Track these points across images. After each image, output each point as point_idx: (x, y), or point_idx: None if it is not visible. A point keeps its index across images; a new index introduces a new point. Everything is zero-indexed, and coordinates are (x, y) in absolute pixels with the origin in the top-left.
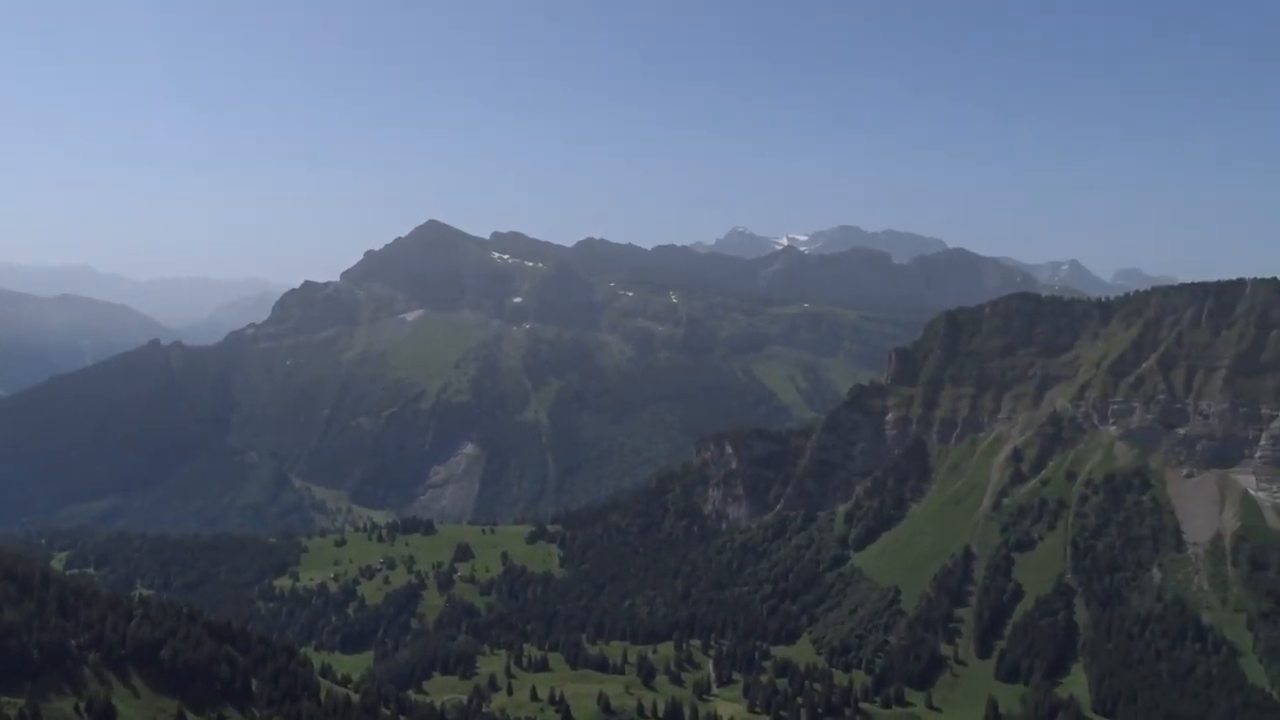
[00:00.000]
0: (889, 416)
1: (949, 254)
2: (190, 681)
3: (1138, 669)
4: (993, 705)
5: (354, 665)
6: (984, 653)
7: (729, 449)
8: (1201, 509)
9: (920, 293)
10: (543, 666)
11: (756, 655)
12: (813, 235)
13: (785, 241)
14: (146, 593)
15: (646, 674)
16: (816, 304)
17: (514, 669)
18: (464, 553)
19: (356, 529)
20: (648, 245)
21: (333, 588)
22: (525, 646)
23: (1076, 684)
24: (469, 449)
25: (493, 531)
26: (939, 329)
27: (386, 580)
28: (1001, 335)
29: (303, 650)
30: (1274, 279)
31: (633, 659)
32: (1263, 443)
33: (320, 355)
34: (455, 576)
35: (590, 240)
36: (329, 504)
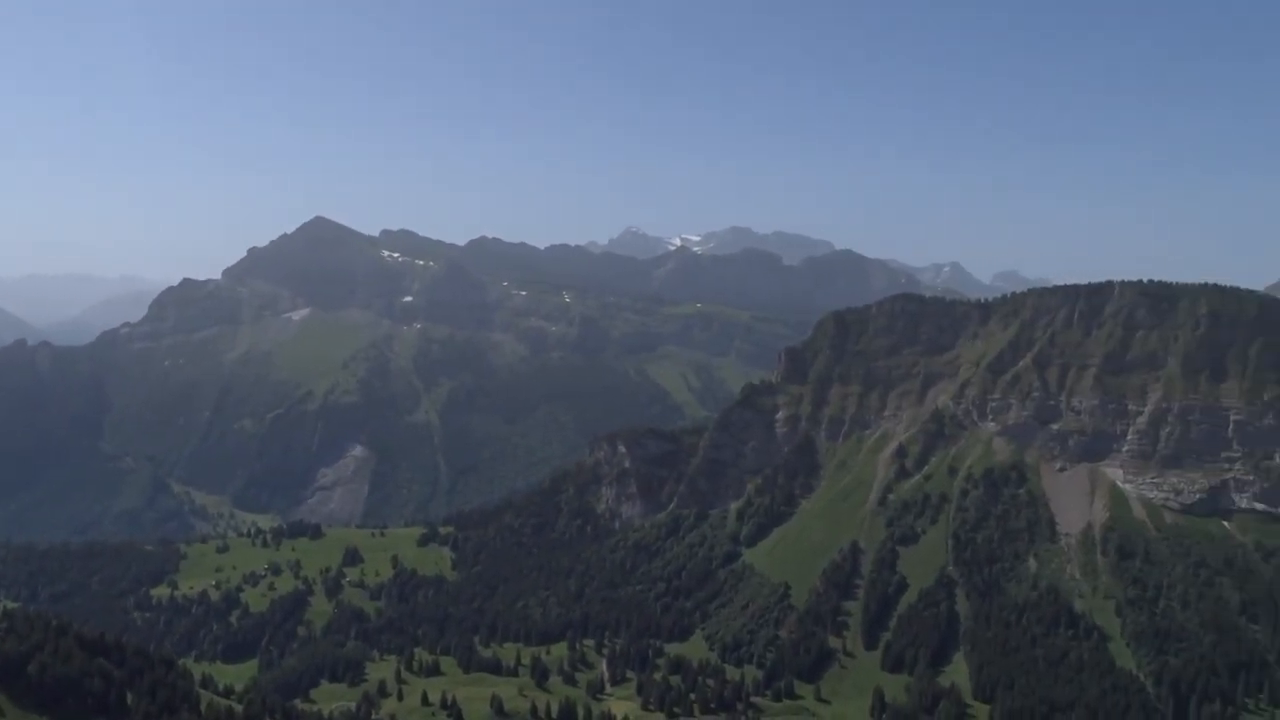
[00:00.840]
0: (779, 415)
1: (837, 256)
2: (61, 697)
3: (1015, 656)
4: (879, 696)
5: (237, 675)
6: (871, 644)
7: (622, 448)
8: (1074, 501)
9: (810, 293)
10: (434, 671)
11: (650, 653)
12: (705, 236)
13: (678, 242)
14: (11, 605)
15: (540, 675)
16: (709, 304)
17: (404, 674)
18: (353, 557)
19: (239, 534)
20: (541, 245)
21: (214, 596)
22: (416, 651)
23: (958, 672)
24: (358, 451)
25: (383, 535)
26: (828, 329)
27: (271, 586)
28: (887, 335)
29: (182, 661)
30: (1139, 282)
31: (526, 660)
32: (1129, 437)
33: (200, 355)
34: (344, 581)
35: (483, 239)
36: (210, 509)
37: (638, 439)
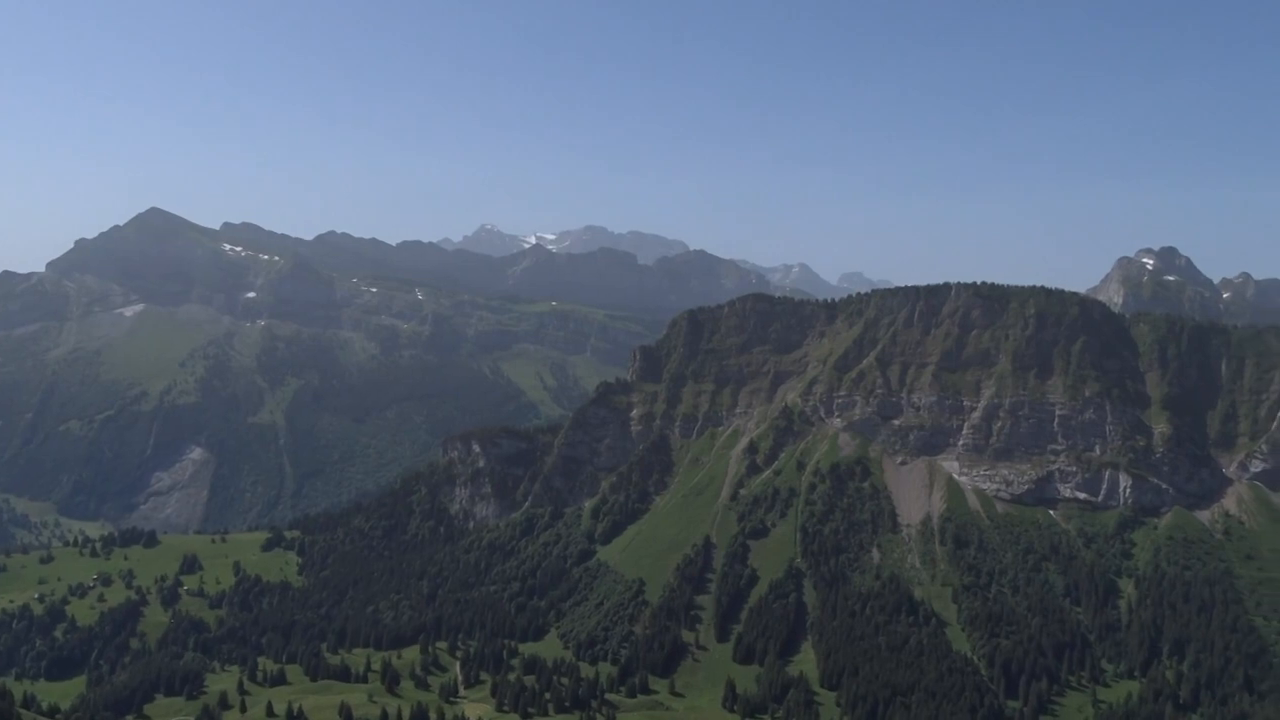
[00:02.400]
0: (634, 413)
1: (691, 256)
2: None
3: (859, 644)
4: (730, 687)
5: (63, 693)
6: (723, 637)
7: (476, 447)
8: (914, 493)
9: (664, 292)
10: (280, 680)
11: (505, 654)
12: (560, 234)
13: (533, 240)
14: None
15: (391, 680)
16: (564, 302)
17: (247, 685)
18: (191, 564)
19: (65, 544)
20: (393, 241)
21: (37, 609)
22: (260, 660)
23: (806, 661)
24: (196, 453)
25: (224, 540)
26: (681, 327)
27: (101, 598)
28: (739, 334)
29: (1, 681)
30: (974, 284)
31: (376, 666)
32: (964, 432)
33: (20, 353)
34: (181, 590)
35: (331, 234)
36: (32, 518)
37: (492, 438)
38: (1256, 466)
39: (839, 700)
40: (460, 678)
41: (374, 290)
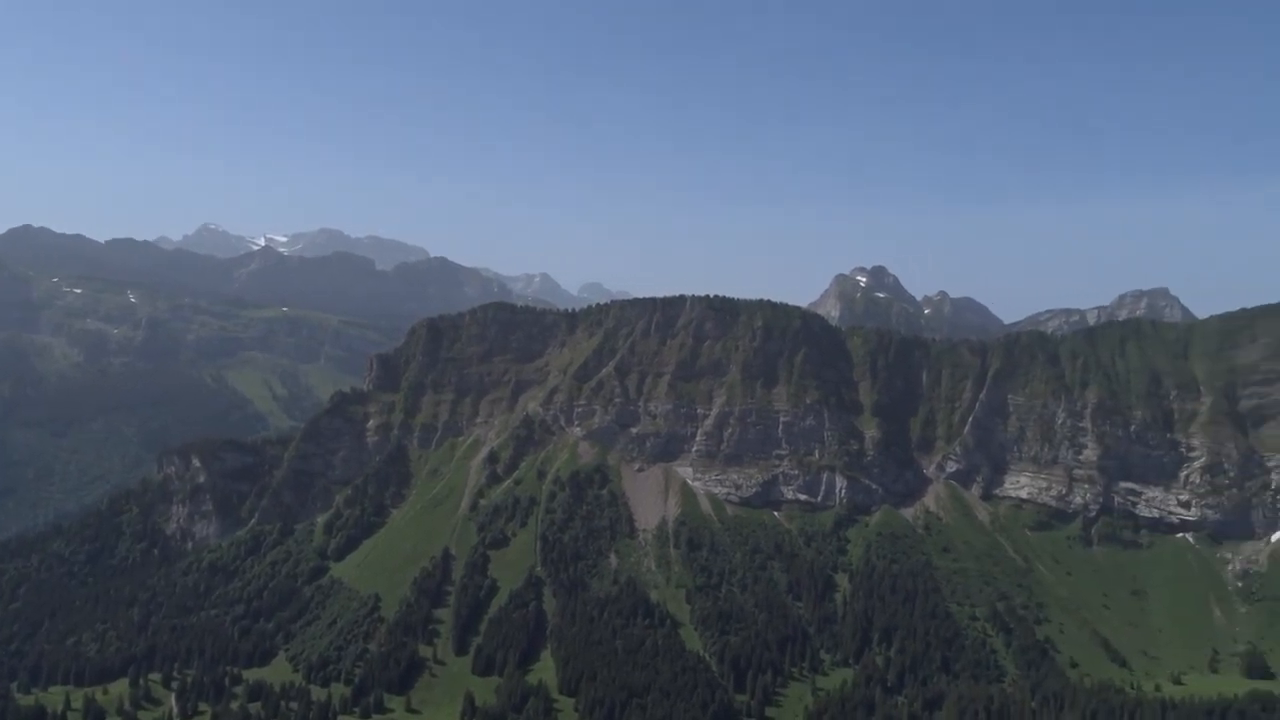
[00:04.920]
0: (370, 423)
1: (431, 263)
2: None
3: (598, 648)
4: (469, 700)
5: None
6: (462, 650)
7: (196, 462)
8: (650, 499)
9: (403, 299)
10: None
11: (227, 681)
12: (293, 237)
13: (263, 242)
14: None
15: (95, 718)
16: (296, 308)
17: None
18: None
19: None
20: (101, 238)
21: None
22: None
23: (546, 669)
24: None
25: None
26: (421, 335)
27: None
28: (480, 342)
29: None
30: (707, 296)
31: (78, 704)
32: (698, 438)
33: None
34: None
35: (27, 228)
36: None
37: (214, 451)
38: (951, 467)
39: (577, 706)
40: (176, 710)
41: (78, 291)
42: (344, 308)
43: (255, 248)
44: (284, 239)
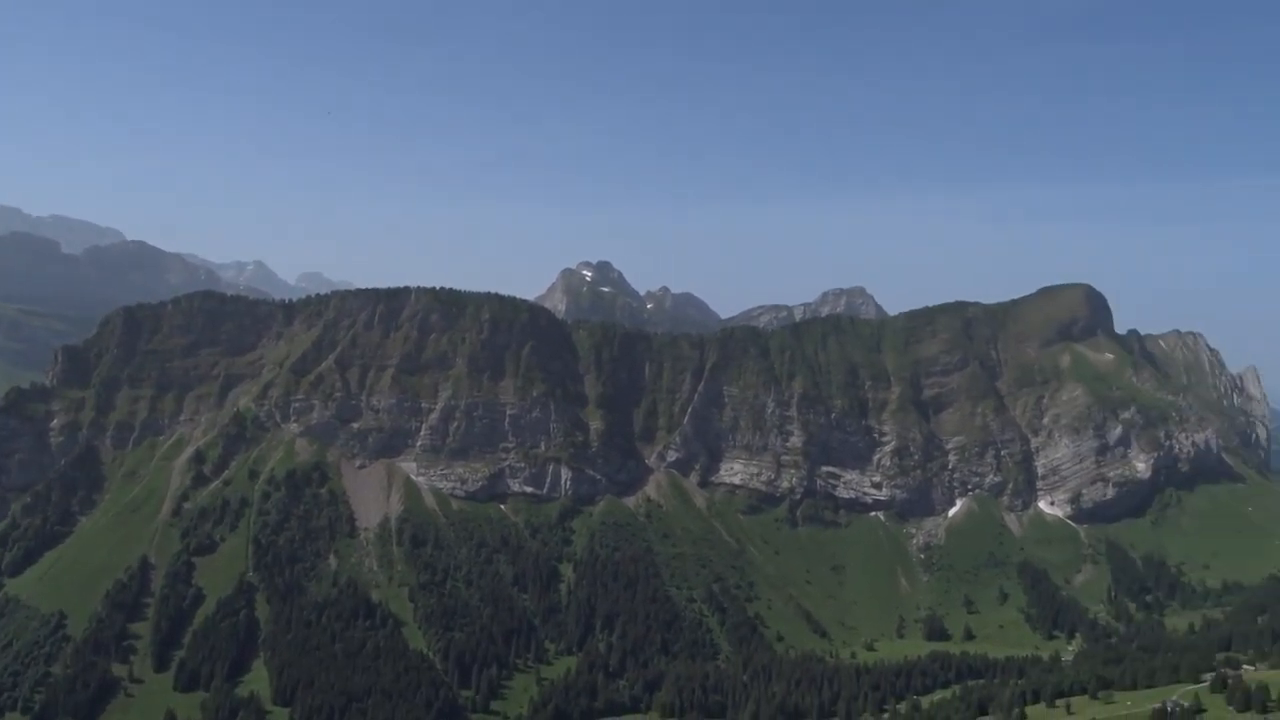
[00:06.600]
0: (55, 422)
1: (128, 246)
2: None
3: (315, 654)
4: (170, 719)
5: None
6: (163, 666)
7: None
8: (373, 496)
9: (95, 286)
10: None
11: None
12: None
13: None
14: None
15: None
16: None
17: None
18: None
19: None
20: None
21: None
22: None
23: (258, 680)
24: None
25: None
26: (116, 326)
27: None
28: (185, 334)
29: None
30: (433, 288)
31: None
32: (422, 433)
33: None
34: None
35: None
36: None
37: None
38: (671, 456)
39: (292, 715)
40: None
41: None
42: (23, 294)
43: None
44: None
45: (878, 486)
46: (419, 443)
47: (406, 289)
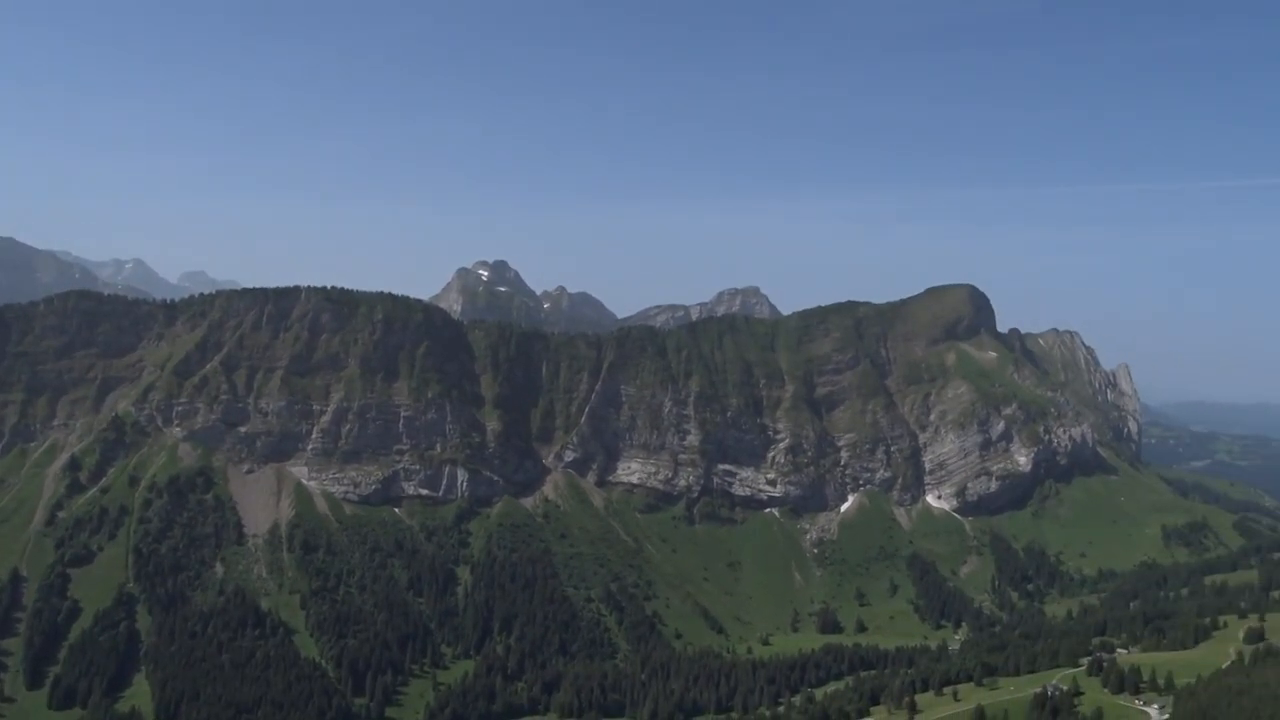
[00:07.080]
0: None
1: None
2: None
3: (200, 666)
4: None
5: None
6: (36, 683)
7: None
8: (261, 502)
9: None
10: None
11: None
12: None
13: None
14: None
15: None
16: None
17: None
18: None
19: None
20: None
21: None
22: None
23: (140, 694)
24: None
25: None
26: None
27: None
28: (58, 335)
29: None
30: (324, 288)
31: None
32: (314, 436)
33: None
34: None
35: None
36: None
37: None
38: (569, 456)
39: None
40: None
41: None
42: None
43: None
44: None
45: (772, 484)
46: (310, 446)
47: (296, 288)
